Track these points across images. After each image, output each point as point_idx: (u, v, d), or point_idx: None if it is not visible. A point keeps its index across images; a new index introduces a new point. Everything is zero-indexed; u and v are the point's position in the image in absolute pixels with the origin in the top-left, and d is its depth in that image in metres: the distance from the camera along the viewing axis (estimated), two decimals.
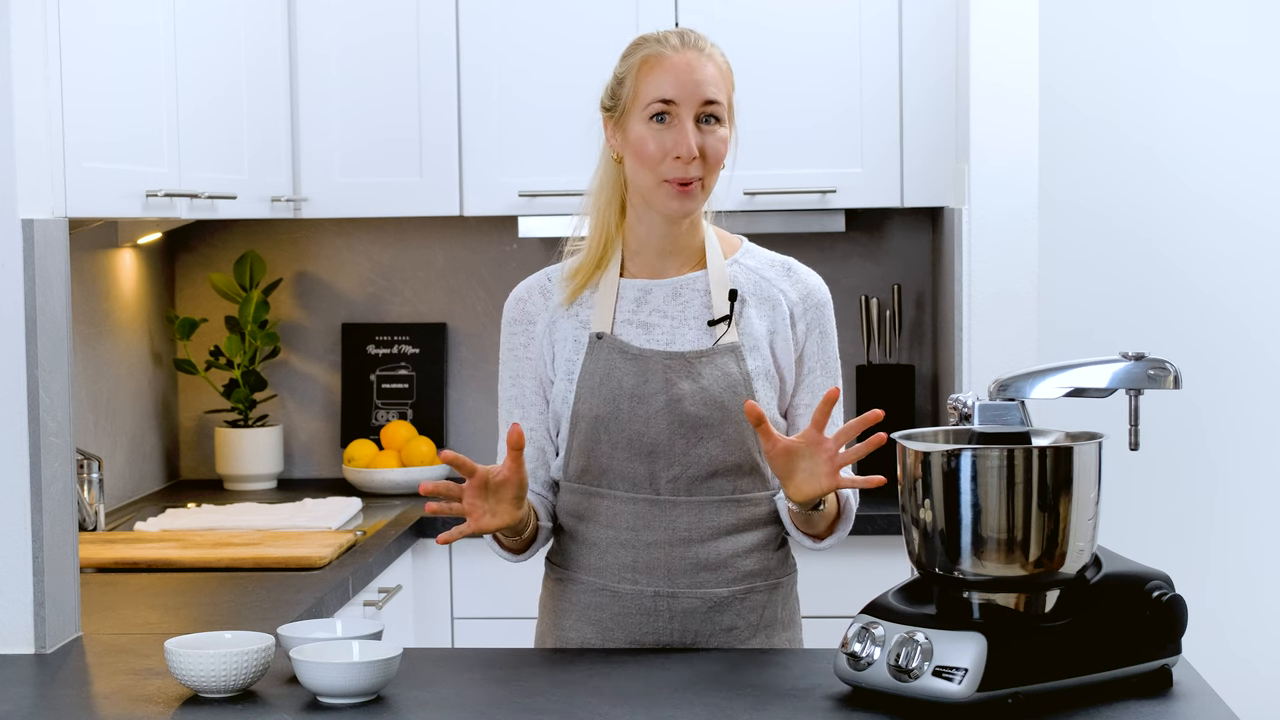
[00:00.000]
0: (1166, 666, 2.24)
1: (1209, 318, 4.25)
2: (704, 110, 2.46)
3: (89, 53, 2.84)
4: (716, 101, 2.47)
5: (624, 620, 2.53)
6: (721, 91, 2.48)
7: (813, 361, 2.56)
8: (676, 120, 2.45)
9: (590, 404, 2.50)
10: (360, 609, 3.30)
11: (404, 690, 2.29)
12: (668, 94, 2.46)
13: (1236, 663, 4.19)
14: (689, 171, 2.45)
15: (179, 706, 2.25)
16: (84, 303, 3.81)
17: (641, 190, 2.50)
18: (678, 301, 2.55)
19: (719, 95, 2.47)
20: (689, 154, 2.44)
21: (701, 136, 2.46)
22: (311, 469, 4.46)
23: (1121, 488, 4.10)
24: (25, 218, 2.57)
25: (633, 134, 2.48)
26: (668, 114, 2.46)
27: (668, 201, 2.48)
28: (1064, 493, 2.15)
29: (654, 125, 2.46)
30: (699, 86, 2.46)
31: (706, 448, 2.49)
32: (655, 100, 2.46)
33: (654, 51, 2.49)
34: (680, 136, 2.45)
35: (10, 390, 2.58)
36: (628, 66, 2.51)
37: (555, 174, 3.98)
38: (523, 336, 2.59)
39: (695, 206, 2.50)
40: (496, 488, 2.37)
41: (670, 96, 2.45)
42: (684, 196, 2.47)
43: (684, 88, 2.45)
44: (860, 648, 2.19)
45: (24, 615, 2.60)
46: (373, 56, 4.05)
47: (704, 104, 2.46)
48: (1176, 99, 4.22)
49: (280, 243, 4.43)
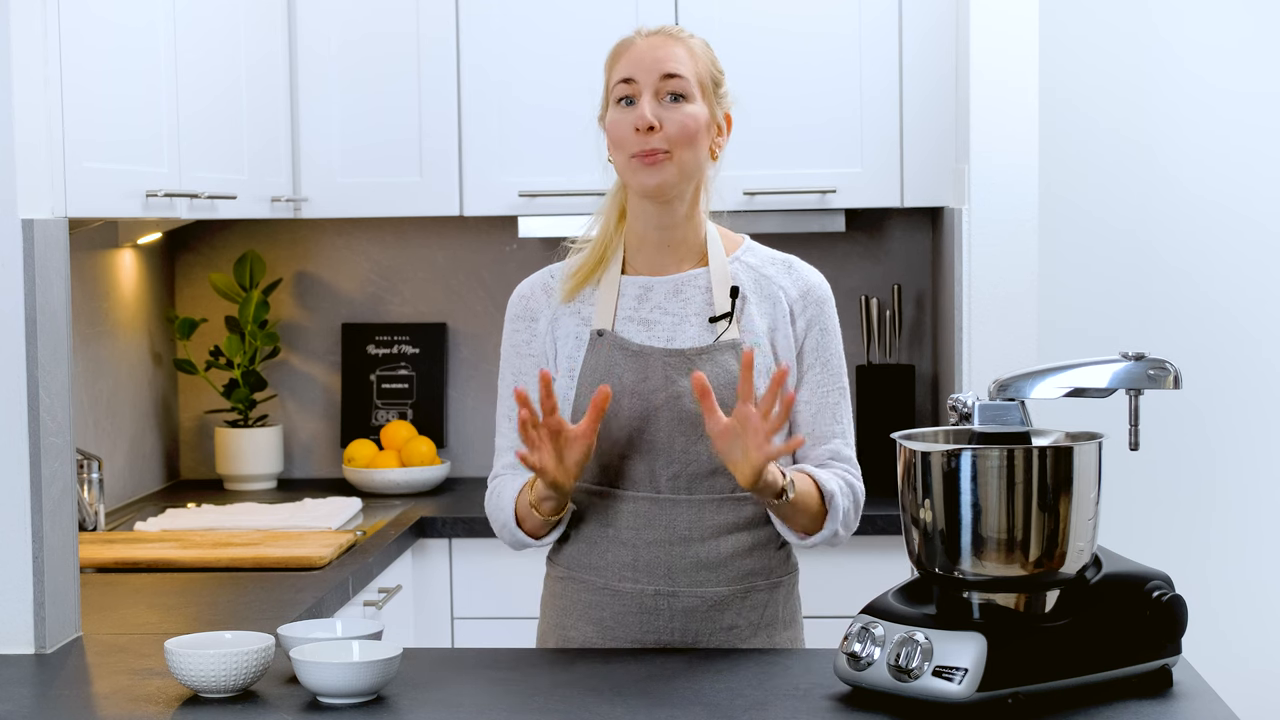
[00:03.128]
0: (1166, 666, 2.24)
1: (1209, 317, 4.25)
2: (665, 86, 2.49)
3: (89, 53, 2.84)
4: (677, 75, 2.49)
5: (625, 619, 2.53)
6: (686, 68, 2.50)
7: (811, 358, 2.56)
8: (639, 99, 2.49)
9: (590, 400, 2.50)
10: (360, 609, 3.30)
11: (404, 690, 2.29)
12: (626, 73, 2.50)
13: (1236, 663, 4.19)
14: (648, 142, 2.47)
15: (179, 706, 2.25)
16: (84, 303, 3.81)
17: (621, 175, 2.54)
18: (679, 298, 2.55)
19: (681, 70, 2.49)
20: (643, 123, 2.47)
21: (662, 110, 2.48)
22: (311, 469, 4.46)
23: (1121, 488, 4.10)
24: (25, 218, 2.57)
25: (608, 122, 2.53)
26: (631, 95, 2.50)
27: (636, 176, 2.50)
28: (1064, 493, 2.15)
29: (620, 108, 2.51)
30: (658, 63, 2.49)
31: (706, 445, 2.49)
32: (619, 83, 2.51)
33: (622, 43, 2.55)
34: (639, 110, 2.48)
35: (10, 390, 2.58)
36: (606, 65, 2.56)
37: (555, 174, 3.98)
38: (525, 333, 2.59)
39: (665, 180, 2.49)
40: (568, 442, 2.39)
41: (629, 75, 2.50)
42: (649, 168, 2.48)
43: (642, 64, 2.49)
44: (860, 648, 2.19)
45: (24, 615, 2.60)
46: (373, 56, 4.05)
47: (663, 78, 2.49)
48: (1176, 99, 4.22)
49: (280, 243, 4.43)
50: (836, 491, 2.49)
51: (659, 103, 2.49)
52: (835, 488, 2.49)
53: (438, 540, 3.81)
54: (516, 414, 2.58)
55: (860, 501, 2.55)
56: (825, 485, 2.48)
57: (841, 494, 2.50)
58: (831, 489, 2.48)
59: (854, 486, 2.54)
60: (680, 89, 2.49)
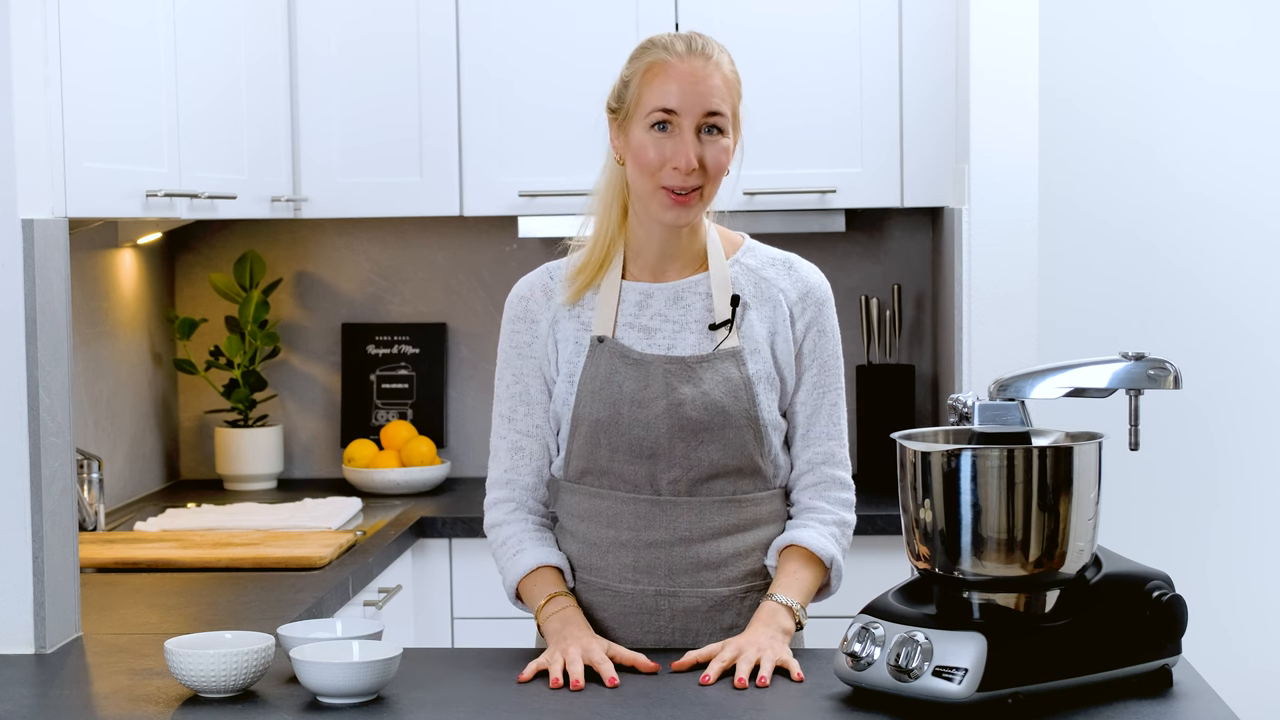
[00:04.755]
0: (1166, 666, 2.24)
1: (1209, 317, 4.25)
2: (706, 121, 2.45)
3: (89, 53, 2.84)
4: (719, 113, 2.45)
5: (625, 619, 2.53)
6: (726, 102, 2.46)
7: (809, 359, 2.56)
8: (678, 130, 2.44)
9: (591, 407, 2.50)
10: (360, 609, 3.30)
11: (404, 690, 2.29)
12: (670, 103, 2.44)
13: (1236, 663, 4.19)
14: (687, 181, 2.44)
15: (179, 706, 2.25)
16: (84, 303, 3.81)
17: (640, 196, 2.50)
18: (679, 305, 2.54)
19: (723, 106, 2.45)
20: (687, 165, 2.43)
21: (701, 147, 2.44)
22: (311, 469, 4.46)
23: (1121, 488, 4.10)
24: (25, 218, 2.57)
25: (634, 139, 2.47)
26: (669, 123, 2.44)
27: (663, 211, 2.47)
28: (1064, 493, 2.15)
29: (655, 133, 2.45)
30: (702, 98, 2.44)
31: (707, 451, 2.49)
32: (657, 108, 2.44)
33: (659, 58, 2.47)
34: (680, 147, 2.43)
35: (10, 390, 2.58)
36: (633, 71, 2.49)
37: (555, 174, 3.98)
38: (526, 335, 2.58)
39: (692, 217, 2.48)
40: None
41: (672, 106, 2.44)
42: (680, 207, 2.46)
43: (687, 98, 2.44)
44: (860, 648, 2.19)
45: (24, 615, 2.60)
46: (373, 56, 4.05)
47: (706, 115, 2.44)
48: (1176, 99, 4.22)
49: (280, 243, 4.43)
50: (837, 554, 2.53)
51: (697, 138, 2.45)
52: (834, 550, 2.52)
53: (438, 540, 3.81)
54: (515, 415, 2.59)
55: (851, 522, 2.58)
56: (823, 553, 2.51)
57: (836, 544, 2.54)
58: (830, 553, 2.52)
59: (843, 520, 2.57)
60: (720, 125, 2.45)
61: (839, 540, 2.54)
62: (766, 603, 2.46)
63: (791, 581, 2.48)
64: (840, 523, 2.55)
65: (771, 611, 2.44)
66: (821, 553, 2.50)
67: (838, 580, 2.55)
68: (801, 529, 2.52)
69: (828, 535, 2.52)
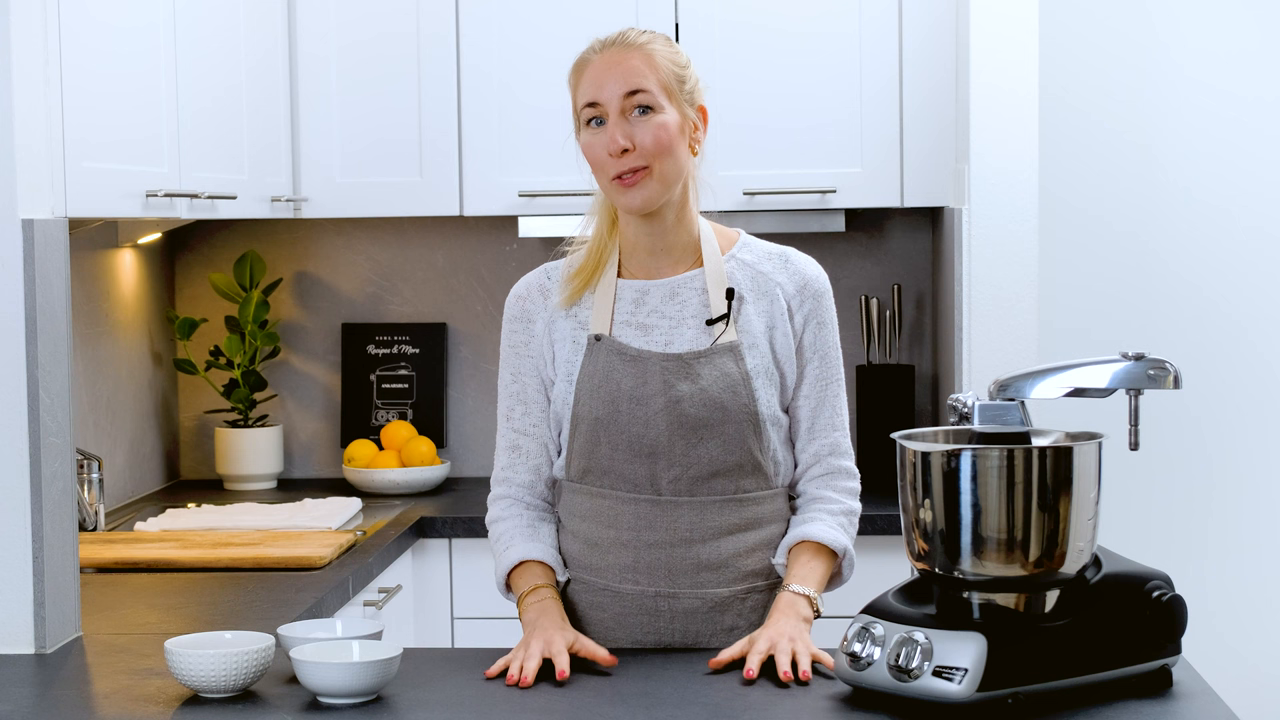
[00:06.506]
0: (1166, 666, 2.24)
1: (1208, 318, 4.26)
2: (630, 102, 2.46)
3: (89, 53, 2.84)
4: (640, 89, 2.46)
5: (625, 620, 2.53)
6: (649, 79, 2.47)
7: (810, 352, 2.56)
8: (607, 119, 2.47)
9: (589, 406, 2.50)
10: (360, 609, 3.30)
11: (404, 690, 2.29)
12: (591, 96, 2.48)
13: (1236, 663, 4.19)
14: (623, 164, 2.46)
15: (179, 706, 2.25)
16: (84, 303, 3.81)
17: (605, 195, 2.54)
18: (675, 301, 2.54)
19: (644, 83, 2.46)
20: (614, 148, 2.45)
21: (631, 127, 2.46)
22: (311, 469, 4.46)
23: (1121, 488, 4.10)
24: (25, 218, 2.57)
25: (581, 143, 2.52)
26: (599, 116, 2.48)
27: (620, 198, 2.49)
28: (1064, 493, 2.15)
29: (591, 129, 2.49)
30: (618, 81, 2.46)
31: (707, 448, 2.49)
32: (585, 105, 2.49)
33: (582, 59, 2.53)
34: (609, 134, 2.47)
35: (10, 390, 2.58)
36: (569, 80, 2.54)
37: (555, 174, 3.98)
38: (523, 334, 2.59)
39: (648, 197, 2.48)
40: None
41: (593, 98, 2.48)
42: (630, 189, 2.47)
43: (604, 87, 2.47)
44: (860, 648, 2.19)
45: (24, 615, 2.60)
46: (373, 56, 4.05)
47: (626, 96, 2.46)
48: (1176, 100, 4.22)
49: (280, 243, 4.43)
50: (848, 544, 2.55)
51: (627, 120, 2.46)
52: (845, 540, 2.54)
53: (438, 540, 3.81)
54: (513, 414, 2.59)
55: (858, 510, 2.60)
56: (835, 545, 2.52)
57: (846, 534, 2.55)
58: (843, 543, 2.53)
59: (850, 509, 2.59)
60: (646, 101, 2.47)
61: (847, 530, 2.56)
62: (784, 593, 2.46)
63: (806, 572, 2.49)
64: (848, 511, 2.57)
65: (790, 601, 2.45)
66: (834, 544, 2.51)
67: (849, 569, 2.56)
68: (810, 523, 2.53)
69: (837, 526, 2.53)
